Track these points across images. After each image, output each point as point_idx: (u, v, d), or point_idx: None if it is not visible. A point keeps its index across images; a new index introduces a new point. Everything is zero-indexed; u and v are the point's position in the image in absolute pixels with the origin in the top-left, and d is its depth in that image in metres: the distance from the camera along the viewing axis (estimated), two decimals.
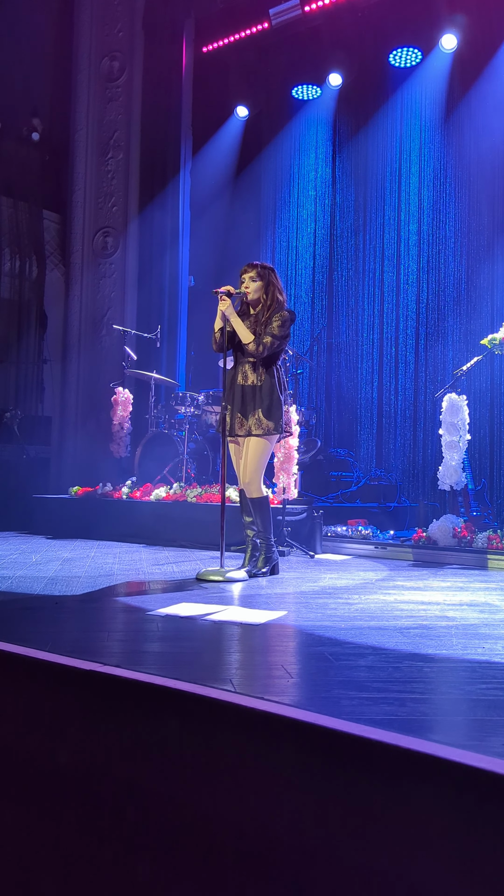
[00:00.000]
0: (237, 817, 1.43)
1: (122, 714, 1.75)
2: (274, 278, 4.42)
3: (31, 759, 1.80)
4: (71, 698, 1.87)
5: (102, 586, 3.83)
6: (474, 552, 5.19)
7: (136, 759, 1.62)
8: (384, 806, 1.27)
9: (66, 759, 1.73)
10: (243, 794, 1.44)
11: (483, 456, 7.44)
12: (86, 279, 9.39)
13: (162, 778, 1.57)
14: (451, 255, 7.92)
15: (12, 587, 3.73)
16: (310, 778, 1.38)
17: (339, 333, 8.72)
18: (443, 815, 1.21)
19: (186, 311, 9.06)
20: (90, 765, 1.68)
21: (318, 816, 1.33)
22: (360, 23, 8.08)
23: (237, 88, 9.02)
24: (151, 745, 1.61)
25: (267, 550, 4.39)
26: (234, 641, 2.71)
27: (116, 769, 1.64)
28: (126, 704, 1.76)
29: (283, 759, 1.44)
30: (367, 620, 3.04)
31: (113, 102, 9.41)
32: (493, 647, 2.55)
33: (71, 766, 1.71)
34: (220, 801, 1.46)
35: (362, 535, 5.95)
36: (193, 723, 1.62)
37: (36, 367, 8.99)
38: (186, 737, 1.59)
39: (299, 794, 1.37)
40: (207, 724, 1.59)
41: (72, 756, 1.72)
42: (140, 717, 1.70)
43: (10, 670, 2.00)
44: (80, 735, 1.74)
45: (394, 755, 1.31)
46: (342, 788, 1.33)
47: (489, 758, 1.24)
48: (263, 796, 1.41)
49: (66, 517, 6.87)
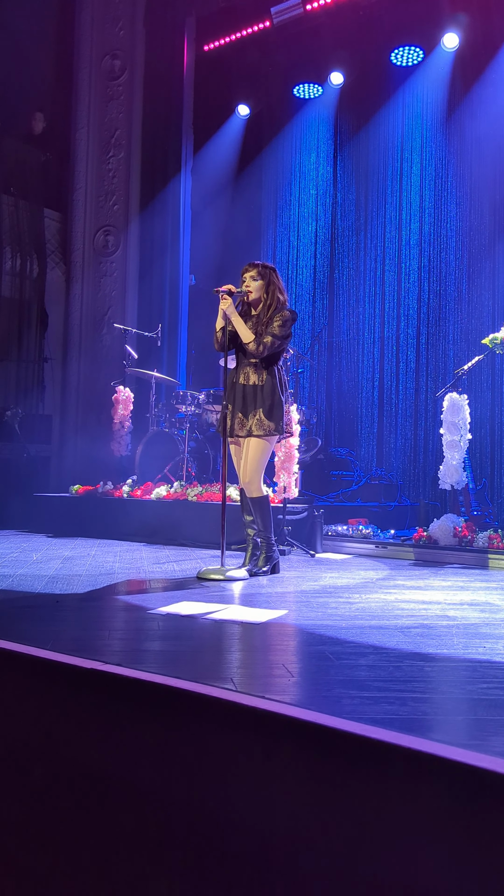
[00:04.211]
0: (237, 816, 1.43)
1: (122, 712, 1.75)
2: (275, 278, 4.42)
3: (31, 757, 1.80)
4: (71, 697, 1.87)
5: (103, 585, 3.83)
6: (475, 552, 5.19)
7: (136, 757, 1.62)
8: (384, 805, 1.27)
9: (67, 758, 1.73)
10: (244, 792, 1.44)
11: (484, 455, 7.43)
12: (87, 278, 9.39)
13: (162, 776, 1.57)
14: (453, 254, 7.92)
15: (13, 585, 3.73)
16: (310, 777, 1.38)
17: (339, 332, 8.71)
18: (443, 815, 1.21)
19: (187, 309, 9.06)
20: (90, 763, 1.68)
21: (318, 815, 1.33)
22: (362, 21, 8.07)
23: (238, 87, 9.01)
24: (151, 744, 1.61)
25: (267, 549, 4.39)
26: (235, 640, 2.71)
27: (116, 767, 1.64)
28: (127, 703, 1.76)
29: (284, 758, 1.43)
30: (367, 619, 3.04)
31: (114, 101, 9.41)
32: (494, 647, 2.55)
33: (70, 764, 1.71)
34: (219, 799, 1.46)
35: (363, 534, 5.95)
36: (194, 722, 1.62)
37: (37, 366, 8.99)
38: (186, 735, 1.59)
39: (300, 793, 1.37)
40: (208, 722, 1.59)
41: (72, 754, 1.72)
42: (140, 716, 1.70)
43: (10, 669, 2.00)
44: (81, 733, 1.74)
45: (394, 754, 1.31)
46: (343, 788, 1.33)
47: (490, 757, 1.24)
48: (264, 795, 1.41)
49: (67, 516, 6.87)
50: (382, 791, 1.29)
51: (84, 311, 9.38)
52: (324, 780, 1.36)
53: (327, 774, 1.37)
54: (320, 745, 1.41)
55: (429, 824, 1.21)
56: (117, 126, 9.37)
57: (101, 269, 9.37)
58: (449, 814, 1.21)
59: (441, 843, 1.20)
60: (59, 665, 1.91)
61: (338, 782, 1.35)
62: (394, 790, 1.28)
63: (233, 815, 1.43)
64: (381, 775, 1.32)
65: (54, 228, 9.48)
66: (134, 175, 9.28)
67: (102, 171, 9.41)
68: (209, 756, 1.52)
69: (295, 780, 1.39)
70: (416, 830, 1.22)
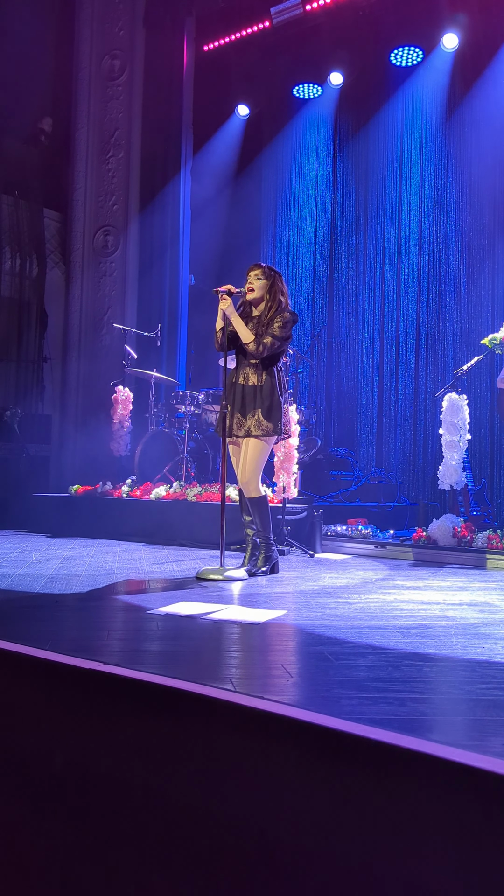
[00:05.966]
0: (236, 817, 1.43)
1: (121, 713, 1.75)
2: (279, 282, 4.42)
3: (30, 757, 1.80)
4: (70, 697, 1.87)
5: (102, 585, 3.83)
6: (474, 552, 5.19)
7: (135, 758, 1.62)
8: (383, 806, 1.27)
9: (66, 758, 1.73)
10: (242, 793, 1.44)
11: (483, 455, 7.44)
12: (86, 278, 9.39)
13: (161, 777, 1.57)
14: (452, 255, 7.93)
15: (12, 586, 3.73)
16: (309, 777, 1.38)
17: (339, 332, 8.72)
18: (442, 815, 1.21)
19: (187, 309, 9.06)
20: (89, 763, 1.68)
21: (317, 816, 1.33)
22: (362, 22, 8.08)
23: (238, 87, 9.02)
24: (151, 745, 1.61)
25: (266, 549, 4.39)
26: (234, 640, 2.71)
27: (115, 768, 1.64)
28: (126, 703, 1.76)
29: (283, 759, 1.44)
30: (366, 620, 3.04)
31: (114, 101, 9.41)
32: (493, 647, 2.55)
33: (70, 765, 1.71)
34: (219, 800, 1.46)
35: (362, 534, 5.95)
36: (193, 722, 1.62)
37: (36, 366, 8.99)
38: (185, 736, 1.59)
39: (298, 793, 1.37)
40: (207, 723, 1.59)
41: (71, 754, 1.72)
42: (139, 716, 1.70)
43: (9, 669, 2.00)
44: (80, 734, 1.74)
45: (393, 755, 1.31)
46: (342, 788, 1.33)
47: (489, 758, 1.24)
48: (262, 796, 1.41)
49: (66, 516, 6.87)
50: (381, 791, 1.29)
51: (83, 311, 9.38)
52: (323, 781, 1.36)
53: (326, 775, 1.37)
54: (319, 745, 1.41)
55: (428, 824, 1.21)
56: (117, 126, 9.37)
57: (101, 269, 9.37)
58: (448, 814, 1.21)
59: (440, 844, 1.20)
60: (58, 665, 1.91)
61: (337, 783, 1.35)
62: (393, 790, 1.28)
63: (232, 815, 1.43)
64: (380, 776, 1.32)
65: (54, 228, 9.49)
66: (134, 175, 9.28)
67: (102, 171, 9.41)
68: (208, 756, 1.52)
69: (294, 781, 1.39)
70: (415, 830, 1.22)
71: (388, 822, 1.26)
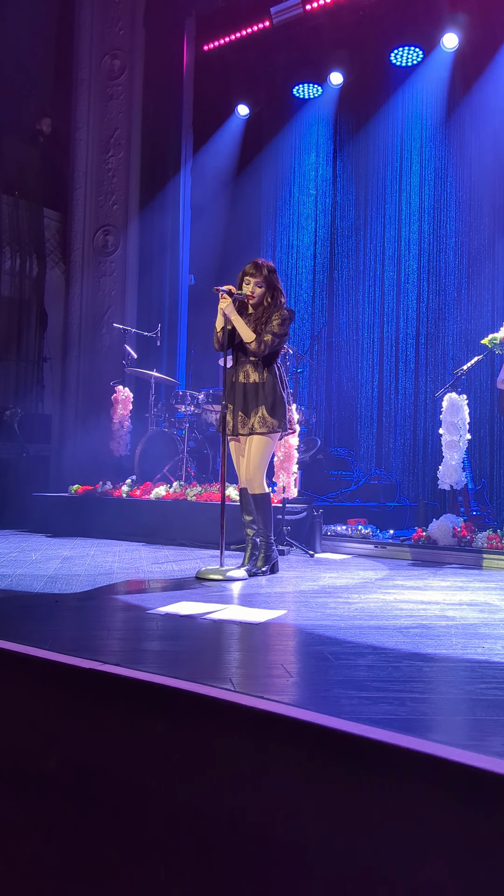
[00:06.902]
0: (236, 816, 1.43)
1: (121, 713, 1.75)
2: (276, 280, 4.43)
3: (30, 757, 1.80)
4: (70, 697, 1.87)
5: (102, 585, 3.83)
6: (474, 552, 5.19)
7: (134, 757, 1.62)
8: (383, 805, 1.27)
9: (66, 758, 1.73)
10: (242, 793, 1.44)
11: (483, 455, 7.44)
12: (86, 277, 9.39)
13: (160, 777, 1.57)
14: (452, 254, 7.92)
15: (12, 585, 3.73)
16: (309, 777, 1.38)
17: (339, 332, 8.72)
18: (442, 815, 1.21)
19: (187, 309, 9.06)
20: (88, 763, 1.68)
21: (317, 816, 1.33)
22: (362, 21, 8.08)
23: (238, 87, 9.01)
24: (150, 744, 1.61)
25: (267, 549, 4.39)
26: (234, 640, 2.71)
27: (115, 768, 1.64)
28: (125, 703, 1.76)
29: (283, 759, 1.43)
30: (366, 620, 3.04)
31: (114, 100, 9.41)
32: (493, 647, 2.55)
33: (69, 764, 1.71)
34: (218, 799, 1.46)
35: (362, 534, 5.95)
36: (193, 722, 1.62)
37: (36, 366, 8.99)
38: (185, 736, 1.59)
39: (298, 793, 1.37)
40: (207, 723, 1.59)
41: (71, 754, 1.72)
42: (139, 716, 1.70)
43: (9, 669, 2.00)
44: (79, 733, 1.74)
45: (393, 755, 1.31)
46: (341, 788, 1.33)
47: (488, 757, 1.24)
48: (262, 795, 1.41)
49: (66, 515, 6.86)
50: (381, 791, 1.29)
51: (83, 311, 9.38)
52: (323, 781, 1.36)
53: (326, 775, 1.37)
54: (319, 745, 1.41)
55: (427, 824, 1.21)
56: (117, 126, 9.36)
57: (101, 269, 9.36)
58: (447, 814, 1.21)
59: (440, 843, 1.20)
60: (58, 665, 1.91)
61: (337, 782, 1.35)
62: (392, 790, 1.28)
63: (232, 815, 1.43)
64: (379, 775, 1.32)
65: (54, 228, 9.48)
66: (133, 175, 9.28)
67: (102, 170, 9.41)
68: (208, 756, 1.52)
69: (294, 781, 1.39)
70: (414, 830, 1.22)
71: (388, 822, 1.26)
